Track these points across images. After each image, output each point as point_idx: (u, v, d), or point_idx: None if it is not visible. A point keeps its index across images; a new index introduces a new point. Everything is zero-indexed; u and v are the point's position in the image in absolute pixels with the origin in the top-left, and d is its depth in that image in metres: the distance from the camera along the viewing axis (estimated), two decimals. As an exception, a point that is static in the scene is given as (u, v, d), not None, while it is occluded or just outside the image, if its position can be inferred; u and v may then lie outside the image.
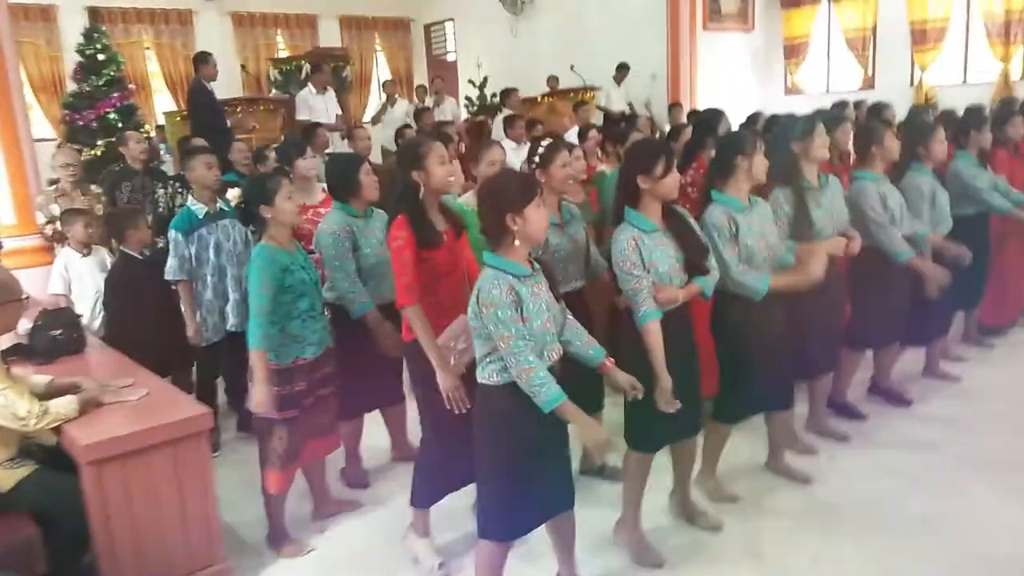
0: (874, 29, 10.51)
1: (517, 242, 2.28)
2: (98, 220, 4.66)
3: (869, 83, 10.57)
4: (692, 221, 2.85)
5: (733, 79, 10.91)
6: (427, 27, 14.46)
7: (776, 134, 3.80)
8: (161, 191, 4.94)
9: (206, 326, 4.04)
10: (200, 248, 3.96)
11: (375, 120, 9.78)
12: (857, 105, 6.10)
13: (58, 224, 4.82)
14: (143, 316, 4.02)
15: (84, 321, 3.97)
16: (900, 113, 5.95)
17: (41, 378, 3.06)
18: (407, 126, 8.10)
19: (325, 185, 3.72)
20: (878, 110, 5.63)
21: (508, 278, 2.26)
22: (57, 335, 3.56)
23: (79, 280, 4.29)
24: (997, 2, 9.30)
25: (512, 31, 12.39)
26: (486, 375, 2.36)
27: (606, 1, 10.78)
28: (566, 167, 3.16)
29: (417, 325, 2.79)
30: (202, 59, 7.47)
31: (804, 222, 3.31)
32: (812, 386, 3.81)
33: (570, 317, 2.52)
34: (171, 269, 3.95)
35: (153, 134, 9.56)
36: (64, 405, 2.75)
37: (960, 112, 4.88)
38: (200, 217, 3.98)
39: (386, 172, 4.30)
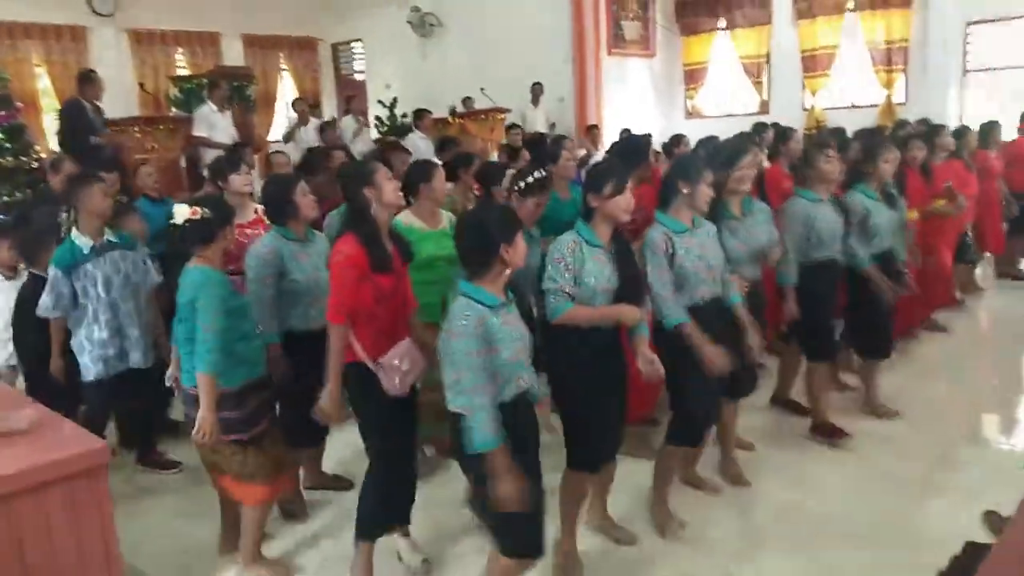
0: (768, 56, 11.04)
1: (508, 271, 2.37)
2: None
3: (764, 107, 11.08)
4: (633, 250, 2.92)
5: (637, 102, 11.25)
6: (334, 46, 14.33)
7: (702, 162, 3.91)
8: (64, 215, 4.70)
9: (102, 364, 3.80)
10: (87, 284, 3.72)
11: (287, 138, 9.58)
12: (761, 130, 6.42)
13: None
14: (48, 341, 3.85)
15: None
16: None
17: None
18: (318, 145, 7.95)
19: (259, 205, 3.75)
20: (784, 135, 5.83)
21: (480, 309, 2.30)
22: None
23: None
24: (879, 32, 9.93)
25: (421, 53, 12.42)
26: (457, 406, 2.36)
27: (513, 26, 10.94)
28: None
29: (336, 345, 2.79)
30: (86, 77, 7.17)
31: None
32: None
33: None
34: (43, 306, 3.71)
35: (44, 154, 9.09)
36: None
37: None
38: (85, 252, 3.73)
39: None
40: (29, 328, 3.93)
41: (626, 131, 9.38)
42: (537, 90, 10.37)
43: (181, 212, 2.88)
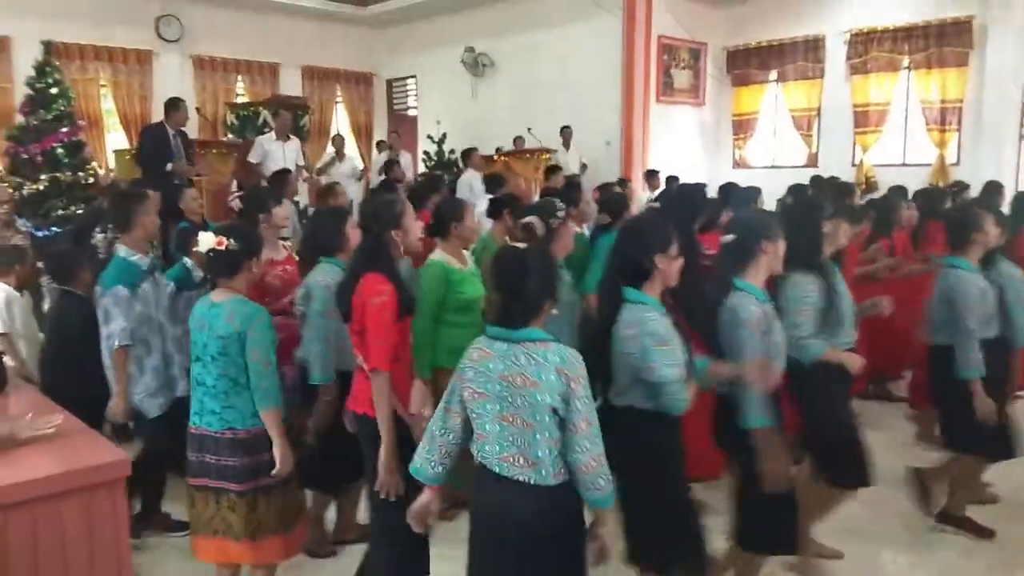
0: (819, 109, 10.96)
1: (659, 280, 2.45)
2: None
3: (813, 160, 10.97)
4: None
5: (683, 150, 11.24)
6: (389, 82, 14.64)
7: (798, 212, 3.60)
8: (100, 235, 4.72)
9: (155, 396, 3.55)
10: (144, 306, 3.48)
11: (320, 172, 9.75)
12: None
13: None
14: (87, 362, 3.57)
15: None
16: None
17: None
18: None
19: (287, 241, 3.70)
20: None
21: (659, 312, 2.44)
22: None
23: (15, 320, 4.09)
24: (934, 90, 9.80)
25: (472, 91, 12.62)
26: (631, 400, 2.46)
27: (564, 69, 11.09)
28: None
29: (387, 396, 2.66)
30: (172, 104, 7.40)
31: (832, 313, 3.03)
32: None
33: None
34: (122, 333, 3.37)
35: (102, 171, 9.40)
36: (-27, 446, 2.62)
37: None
38: (144, 270, 3.53)
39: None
40: (64, 347, 3.82)
41: (674, 178, 9.38)
42: (567, 133, 10.42)
43: (206, 241, 2.78)
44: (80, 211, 7.74)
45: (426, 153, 12.22)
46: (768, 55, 11.31)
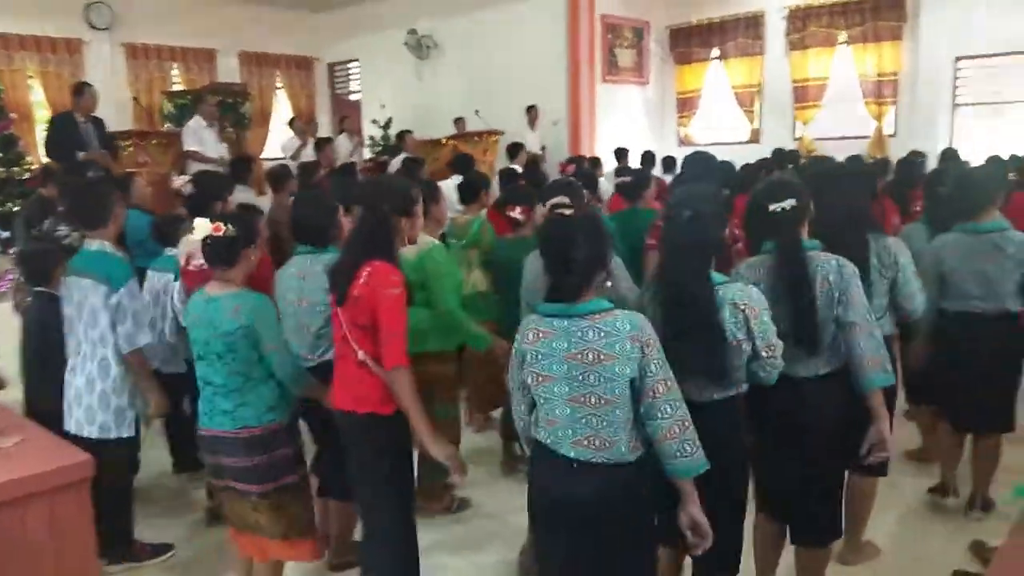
0: (760, 86, 11.16)
1: None
2: None
3: (755, 136, 11.18)
4: None
5: (630, 128, 11.34)
6: (331, 66, 14.39)
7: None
8: (64, 229, 4.28)
9: (128, 411, 3.33)
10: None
11: (293, 157, 9.56)
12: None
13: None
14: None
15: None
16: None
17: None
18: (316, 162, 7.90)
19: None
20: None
21: None
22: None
23: None
24: (870, 64, 10.06)
25: (417, 74, 12.49)
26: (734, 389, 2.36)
27: (509, 50, 11.04)
28: None
29: (411, 390, 2.50)
30: (76, 90, 6.99)
31: None
32: None
33: None
34: (144, 334, 3.22)
35: (36, 166, 9.06)
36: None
37: None
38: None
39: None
40: (52, 351, 3.45)
41: (624, 151, 9.46)
42: (533, 113, 10.43)
43: (202, 227, 2.60)
44: (15, 208, 7.49)
45: (372, 138, 12.07)
46: (710, 33, 11.46)
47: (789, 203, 2.51)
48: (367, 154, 11.51)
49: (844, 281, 2.45)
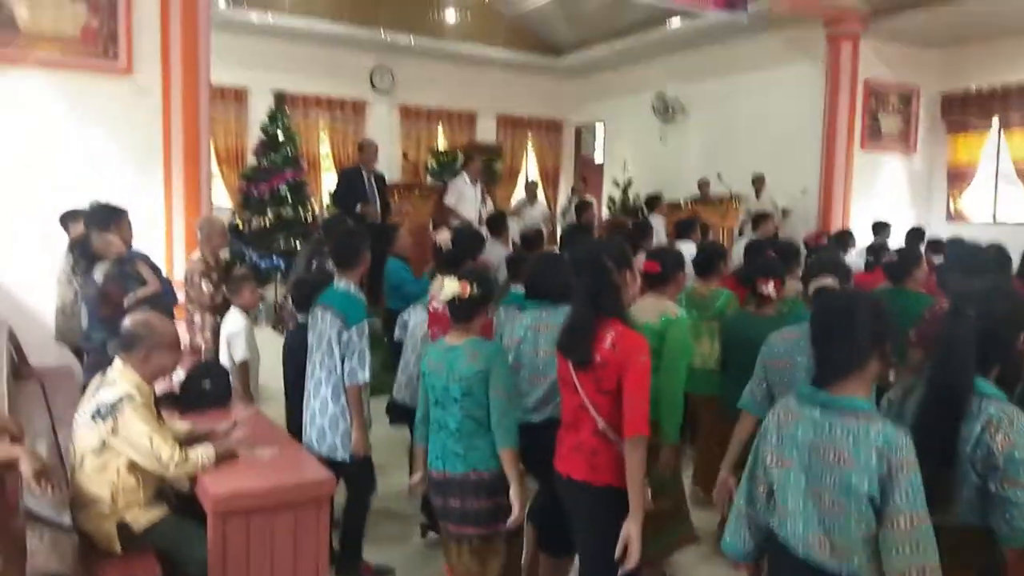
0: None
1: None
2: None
3: (1040, 215, 9.88)
4: None
5: (891, 201, 10.50)
6: (577, 128, 14.95)
7: None
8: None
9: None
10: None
11: (514, 212, 10.04)
12: None
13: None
14: None
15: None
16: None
17: (182, 424, 3.26)
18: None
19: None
20: None
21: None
22: (206, 386, 3.79)
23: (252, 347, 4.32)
24: None
25: (661, 137, 12.58)
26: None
27: (759, 115, 10.79)
28: None
29: (643, 460, 2.45)
30: (358, 146, 8.08)
31: None
32: None
33: None
34: (369, 369, 3.47)
35: (317, 209, 10.30)
36: (203, 454, 2.90)
37: None
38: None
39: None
40: (299, 373, 3.75)
41: (881, 224, 8.66)
42: (759, 181, 10.08)
43: (451, 287, 2.77)
44: (299, 244, 8.53)
45: (611, 199, 12.30)
46: (989, 100, 10.37)
47: None
48: (605, 214, 11.75)
49: None
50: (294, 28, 11.22)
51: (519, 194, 13.15)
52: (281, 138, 9.34)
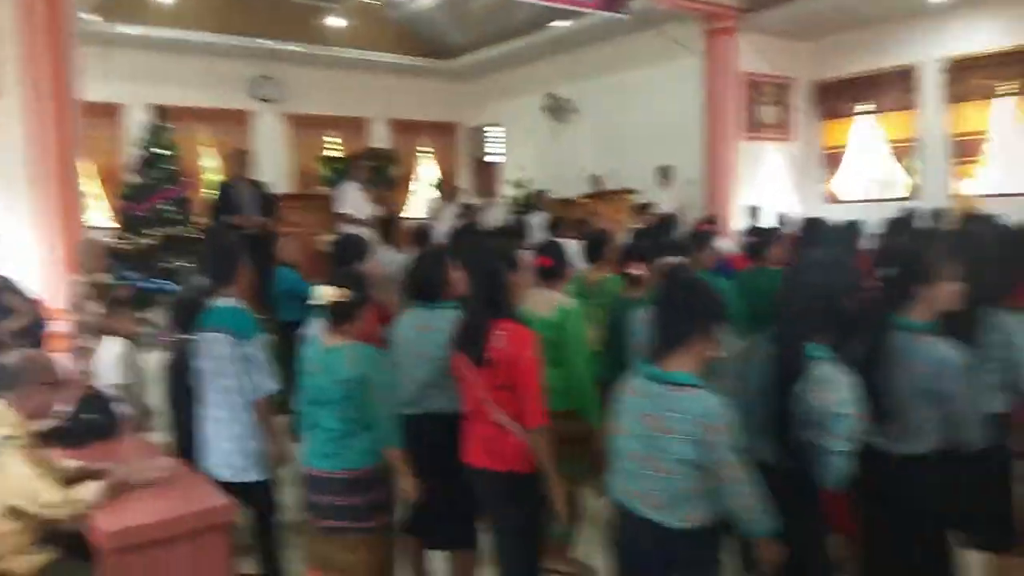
0: (914, 140, 10.58)
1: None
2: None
3: (910, 192, 10.56)
4: None
5: (773, 186, 11.02)
6: (472, 130, 14.98)
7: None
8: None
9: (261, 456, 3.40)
10: None
11: (433, 216, 9.95)
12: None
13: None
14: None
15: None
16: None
17: (71, 463, 3.07)
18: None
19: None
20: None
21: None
22: (92, 419, 3.59)
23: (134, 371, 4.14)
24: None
25: (554, 136, 12.76)
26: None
27: (645, 109, 11.12)
28: None
29: (550, 449, 2.66)
30: (230, 156, 7.75)
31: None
32: None
33: None
34: (273, 380, 3.33)
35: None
36: (90, 493, 2.75)
37: None
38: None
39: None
40: (181, 396, 3.65)
41: (753, 209, 9.18)
42: (666, 172, 10.36)
43: (327, 293, 2.85)
44: (184, 264, 8.19)
45: (514, 199, 12.40)
46: (859, 87, 11.03)
47: (892, 271, 2.46)
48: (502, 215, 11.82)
49: (939, 381, 2.35)
50: (170, 40, 10.81)
51: (423, 198, 13.09)
52: (161, 154, 8.93)
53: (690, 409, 2.07)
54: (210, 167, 12.03)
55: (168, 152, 9.07)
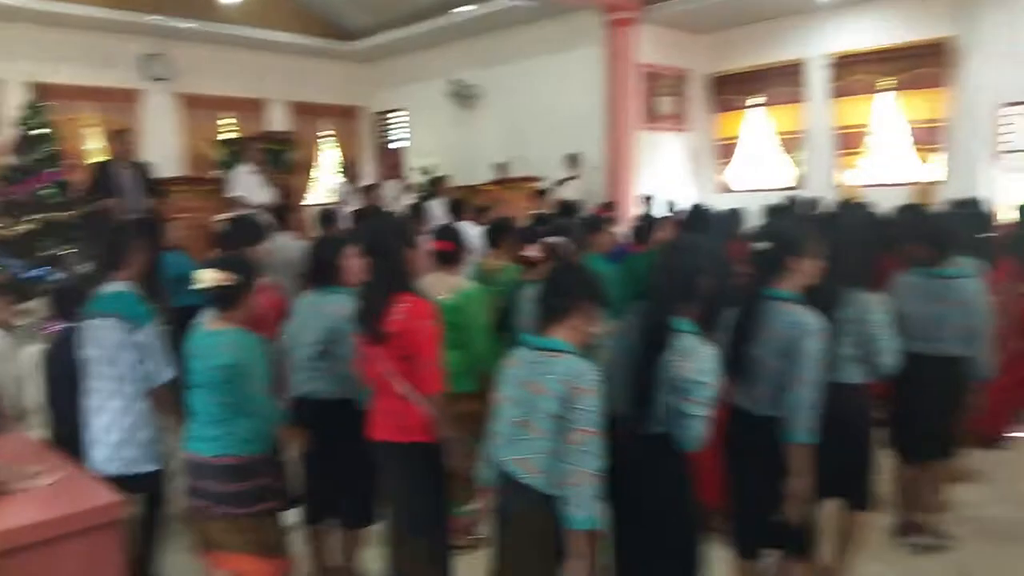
0: (802, 132, 11.10)
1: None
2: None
3: (798, 182, 11.09)
4: None
5: (669, 175, 11.36)
6: (376, 115, 14.75)
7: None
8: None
9: (154, 446, 3.35)
10: None
11: (342, 202, 9.77)
12: None
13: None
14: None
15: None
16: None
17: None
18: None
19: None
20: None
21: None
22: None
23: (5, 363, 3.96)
24: (915, 111, 9.96)
25: (459, 122, 12.73)
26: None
27: (549, 97, 11.24)
28: None
29: (445, 415, 2.77)
30: (113, 136, 7.44)
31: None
32: None
33: None
34: (171, 368, 3.22)
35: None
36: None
37: None
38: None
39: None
40: (65, 386, 3.47)
41: (647, 197, 9.49)
42: (574, 160, 10.51)
43: (210, 276, 2.79)
44: (69, 250, 7.76)
45: (419, 185, 12.29)
46: (750, 80, 11.48)
47: (764, 245, 2.77)
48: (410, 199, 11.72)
49: (797, 341, 2.62)
50: (52, 13, 10.14)
51: (324, 183, 12.81)
52: (42, 134, 8.40)
53: (559, 371, 2.22)
54: (95, 149, 11.41)
55: (49, 132, 8.53)
